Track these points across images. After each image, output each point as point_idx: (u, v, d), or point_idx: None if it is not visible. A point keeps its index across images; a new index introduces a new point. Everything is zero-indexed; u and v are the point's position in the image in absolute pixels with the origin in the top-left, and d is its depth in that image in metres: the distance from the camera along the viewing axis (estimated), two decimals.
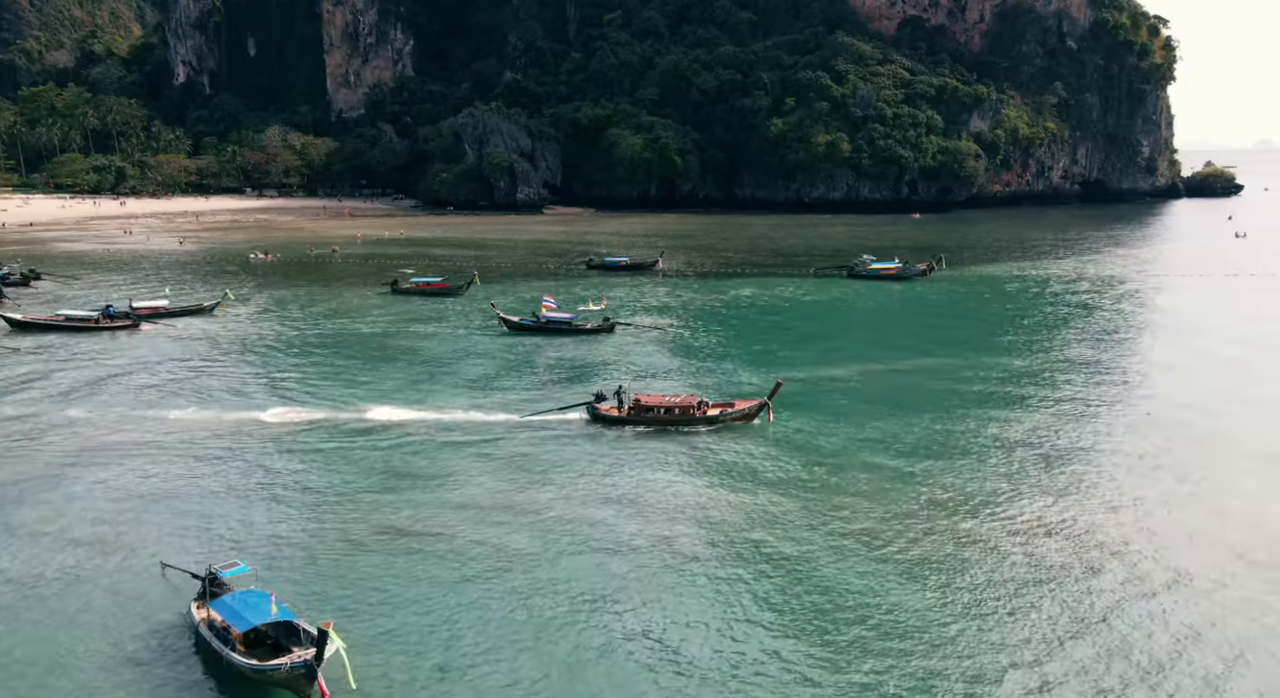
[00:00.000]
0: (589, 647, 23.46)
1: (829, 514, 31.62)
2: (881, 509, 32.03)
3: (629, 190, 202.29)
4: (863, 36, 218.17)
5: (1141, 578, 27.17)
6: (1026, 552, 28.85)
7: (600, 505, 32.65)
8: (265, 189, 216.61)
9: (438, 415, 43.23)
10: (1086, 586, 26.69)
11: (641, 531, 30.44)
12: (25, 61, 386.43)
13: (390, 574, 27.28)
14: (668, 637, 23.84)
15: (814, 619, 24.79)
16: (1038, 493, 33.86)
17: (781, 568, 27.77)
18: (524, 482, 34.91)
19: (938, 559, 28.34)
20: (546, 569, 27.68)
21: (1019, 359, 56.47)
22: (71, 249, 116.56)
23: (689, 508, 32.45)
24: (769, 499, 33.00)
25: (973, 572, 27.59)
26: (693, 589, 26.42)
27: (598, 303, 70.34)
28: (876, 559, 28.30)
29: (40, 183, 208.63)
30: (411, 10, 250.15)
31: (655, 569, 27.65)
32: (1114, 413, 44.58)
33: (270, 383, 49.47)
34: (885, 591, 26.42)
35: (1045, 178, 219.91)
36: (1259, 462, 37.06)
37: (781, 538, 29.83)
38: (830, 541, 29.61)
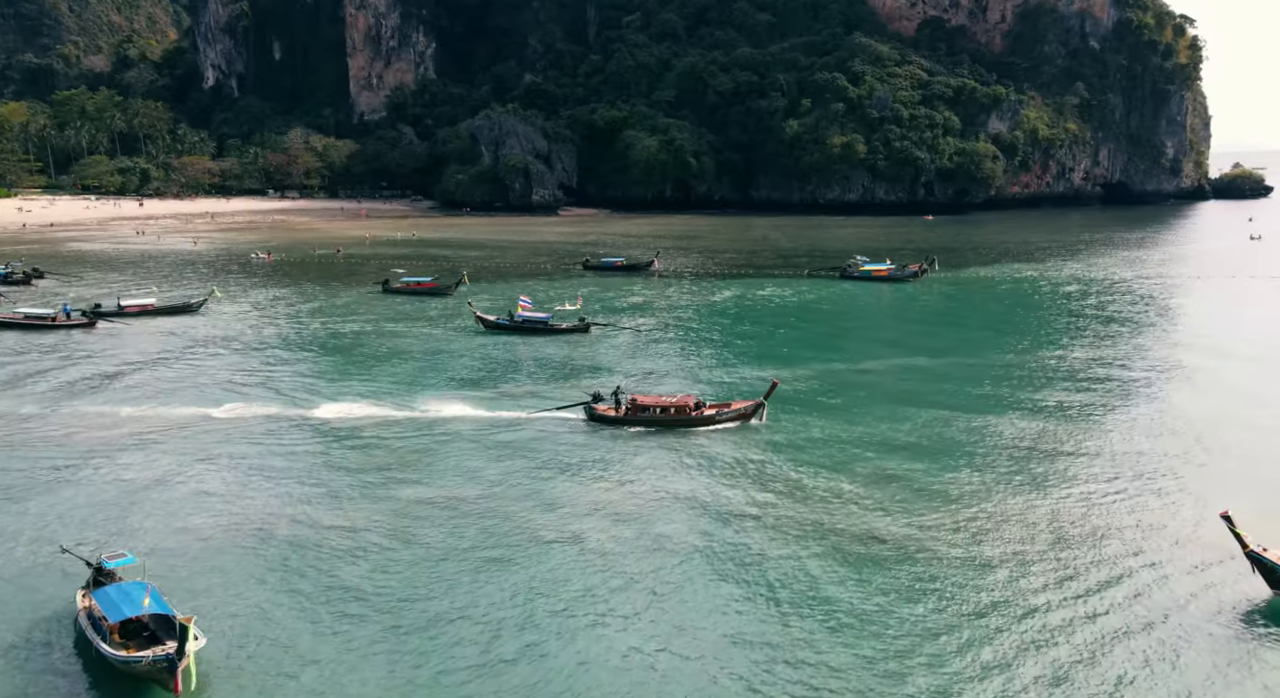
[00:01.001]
0: (505, 654, 23.29)
1: (822, 515, 31.24)
2: (876, 510, 31.84)
3: (644, 192, 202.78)
4: (881, 37, 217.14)
5: (1118, 564, 27.44)
6: (1010, 551, 28.79)
7: (575, 504, 32.34)
8: (287, 191, 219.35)
9: (392, 412, 43.84)
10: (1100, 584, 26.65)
11: (610, 530, 29.98)
12: (63, 66, 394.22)
13: (293, 573, 27.71)
14: (621, 639, 23.73)
15: (804, 623, 24.56)
16: (1021, 491, 33.72)
17: (772, 570, 27.33)
18: (495, 480, 35.06)
19: (930, 559, 28.12)
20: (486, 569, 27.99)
21: (995, 360, 56.21)
22: (83, 249, 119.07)
23: (672, 508, 32.05)
24: (763, 500, 32.64)
25: (967, 571, 27.37)
26: (668, 592, 26.08)
27: (573, 303, 70.72)
28: (871, 560, 28.06)
29: (68, 184, 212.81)
30: (434, 13, 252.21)
31: (616, 570, 27.21)
32: (1091, 414, 44.26)
33: (228, 379, 50.36)
34: (881, 594, 26.17)
35: (1066, 179, 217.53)
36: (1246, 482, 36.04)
37: (773, 540, 29.33)
38: (823, 542, 29.24)
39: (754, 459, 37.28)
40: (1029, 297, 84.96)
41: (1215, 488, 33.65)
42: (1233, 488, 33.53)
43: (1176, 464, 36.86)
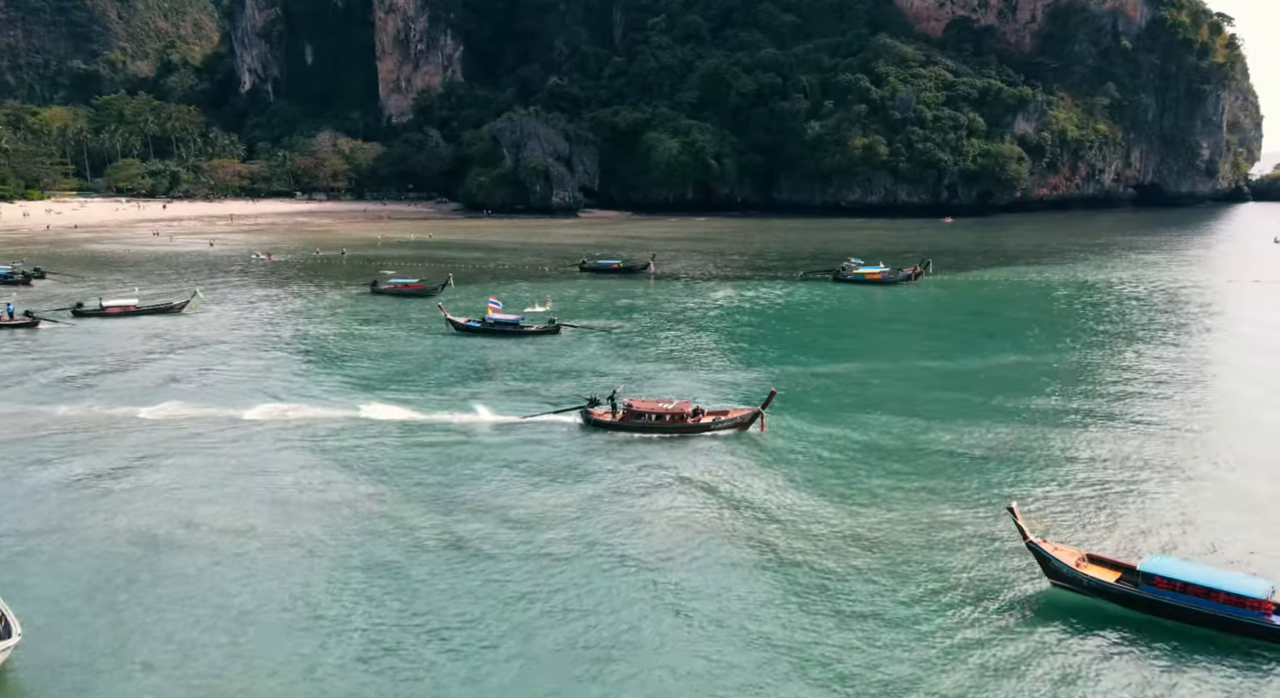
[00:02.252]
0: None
1: (817, 529, 30.41)
2: (877, 525, 30.94)
3: (665, 194, 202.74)
4: (908, 38, 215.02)
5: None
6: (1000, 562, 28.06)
7: (557, 512, 31.92)
8: (314, 193, 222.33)
9: (327, 412, 44.02)
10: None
11: (592, 541, 29.50)
12: (109, 71, 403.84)
13: (159, 577, 28.01)
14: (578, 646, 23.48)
15: (793, 634, 23.95)
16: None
17: (765, 584, 26.74)
18: (482, 487, 34.92)
19: (928, 570, 27.40)
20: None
21: (974, 364, 55.17)
22: (96, 250, 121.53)
23: (663, 519, 31.37)
24: (755, 513, 31.77)
25: (960, 579, 26.68)
26: (641, 600, 25.58)
27: (543, 304, 70.70)
28: (872, 571, 27.44)
29: (102, 187, 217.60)
30: (461, 17, 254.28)
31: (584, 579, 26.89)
32: (1073, 420, 43.32)
33: (170, 379, 50.85)
34: (876, 602, 25.58)
35: (1096, 181, 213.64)
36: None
37: (765, 554, 28.58)
38: (819, 555, 28.53)
39: (747, 472, 35.96)
40: (1022, 300, 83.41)
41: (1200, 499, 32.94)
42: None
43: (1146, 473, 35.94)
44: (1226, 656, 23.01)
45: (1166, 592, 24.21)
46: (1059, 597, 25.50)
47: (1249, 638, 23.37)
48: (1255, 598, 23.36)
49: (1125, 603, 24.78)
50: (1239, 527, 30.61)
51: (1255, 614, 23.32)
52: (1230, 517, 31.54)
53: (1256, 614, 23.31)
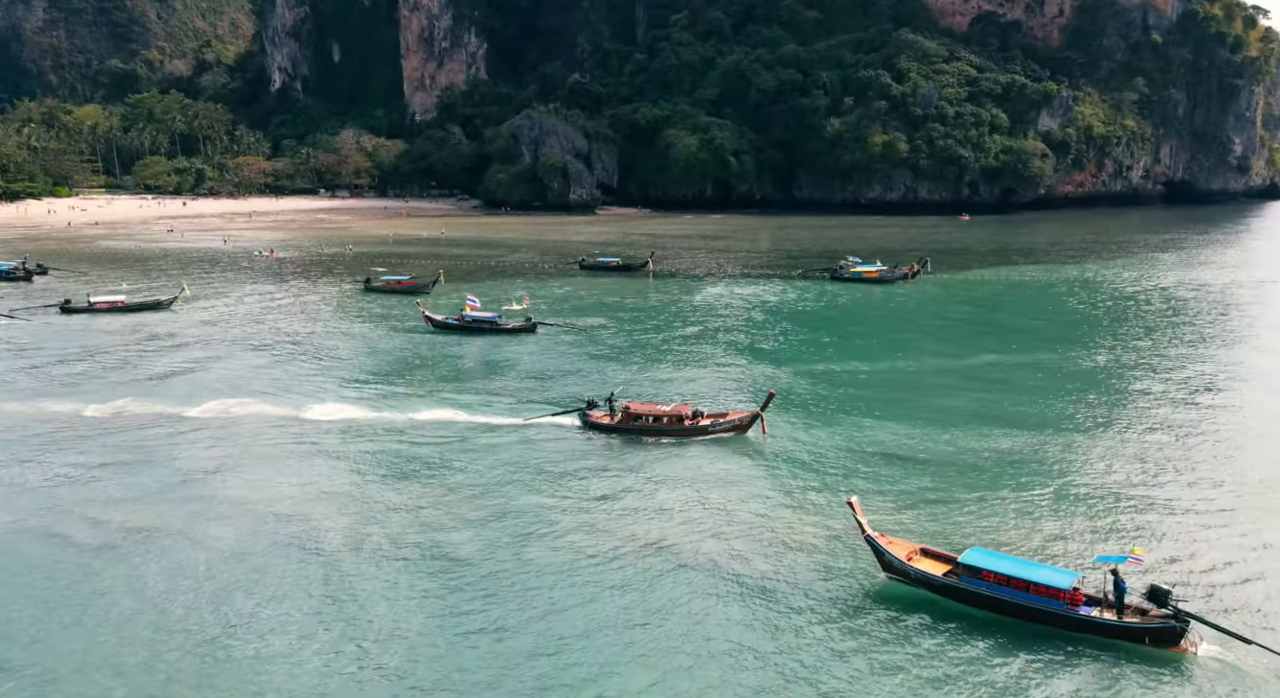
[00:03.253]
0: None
1: (812, 538, 29.73)
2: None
3: (684, 191, 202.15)
4: (932, 33, 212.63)
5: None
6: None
7: (554, 519, 31.31)
8: (337, 190, 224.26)
9: (271, 409, 44.20)
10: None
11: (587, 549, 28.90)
12: (146, 71, 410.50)
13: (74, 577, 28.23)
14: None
15: (779, 643, 23.53)
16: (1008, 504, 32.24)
17: (757, 593, 26.23)
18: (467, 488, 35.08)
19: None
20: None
21: (953, 364, 54.34)
22: (110, 247, 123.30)
23: (659, 526, 30.79)
24: (748, 520, 31.03)
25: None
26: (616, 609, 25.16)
27: (520, 302, 70.56)
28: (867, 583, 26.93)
29: (130, 184, 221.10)
30: (485, 14, 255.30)
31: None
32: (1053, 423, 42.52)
33: (128, 377, 51.36)
34: (870, 610, 25.42)
35: (1124, 178, 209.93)
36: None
37: (753, 566, 27.88)
38: (812, 565, 27.98)
39: (742, 477, 35.24)
40: (1015, 299, 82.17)
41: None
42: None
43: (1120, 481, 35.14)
44: (1036, 646, 23.37)
45: (983, 584, 24.77)
46: (893, 589, 26.09)
47: (1058, 628, 23.83)
48: (1062, 589, 23.81)
49: (949, 595, 25.31)
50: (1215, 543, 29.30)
51: (1062, 605, 23.80)
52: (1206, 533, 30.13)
53: (1063, 605, 23.79)
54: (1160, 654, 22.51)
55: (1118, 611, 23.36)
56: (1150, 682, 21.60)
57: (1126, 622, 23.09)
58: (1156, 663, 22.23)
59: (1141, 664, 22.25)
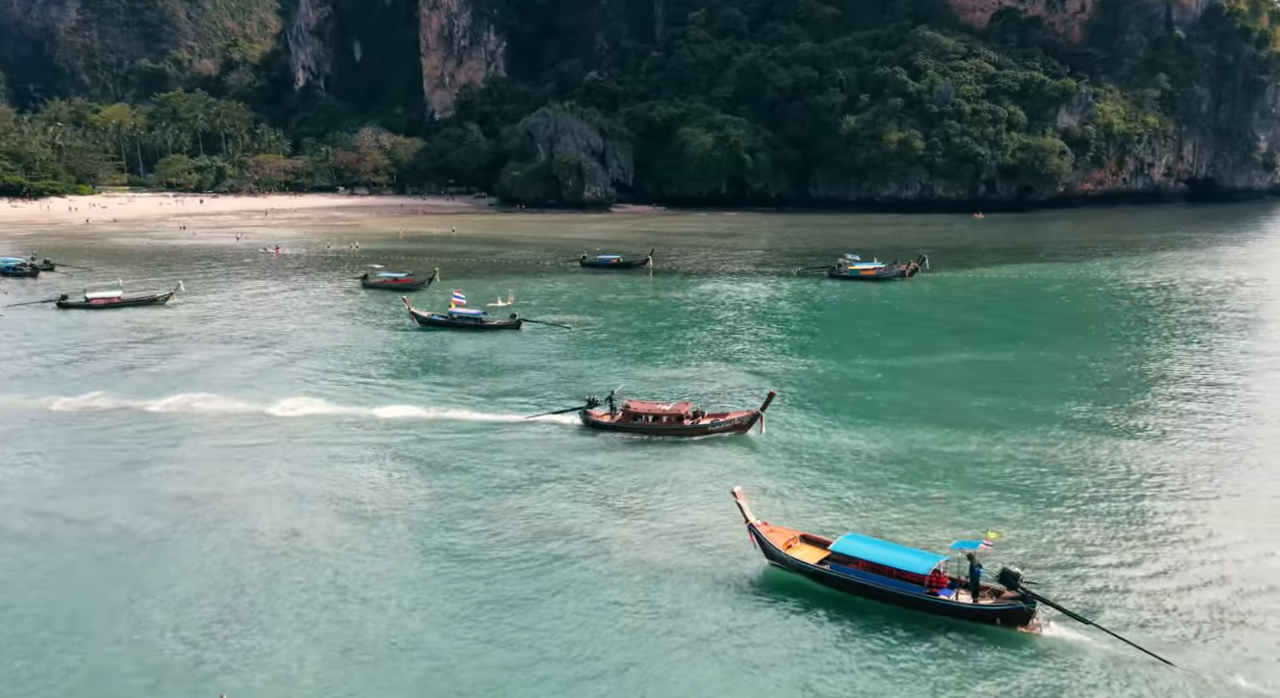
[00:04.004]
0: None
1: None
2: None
3: (699, 189, 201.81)
4: (951, 29, 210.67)
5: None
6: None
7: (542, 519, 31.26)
8: (356, 188, 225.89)
9: (241, 405, 44.77)
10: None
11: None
12: (175, 70, 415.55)
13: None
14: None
15: (762, 652, 23.31)
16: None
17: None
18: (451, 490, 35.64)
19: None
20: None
21: (931, 362, 54.10)
22: (122, 244, 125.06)
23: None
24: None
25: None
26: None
27: (505, 300, 70.88)
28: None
29: (153, 182, 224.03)
30: (504, 13, 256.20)
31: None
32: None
33: (104, 370, 52.19)
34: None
35: (1145, 176, 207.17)
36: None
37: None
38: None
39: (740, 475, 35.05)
40: (1007, 298, 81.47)
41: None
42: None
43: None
44: (897, 628, 24.13)
45: (850, 569, 25.59)
46: (774, 575, 26.90)
47: (920, 612, 24.59)
48: (922, 574, 24.48)
49: (822, 581, 26.07)
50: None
51: (919, 589, 24.52)
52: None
53: (920, 589, 24.50)
54: (1010, 634, 23.42)
55: (973, 593, 24.12)
56: (1000, 660, 22.53)
57: (979, 605, 23.91)
58: (1006, 642, 23.21)
59: (993, 643, 23.19)
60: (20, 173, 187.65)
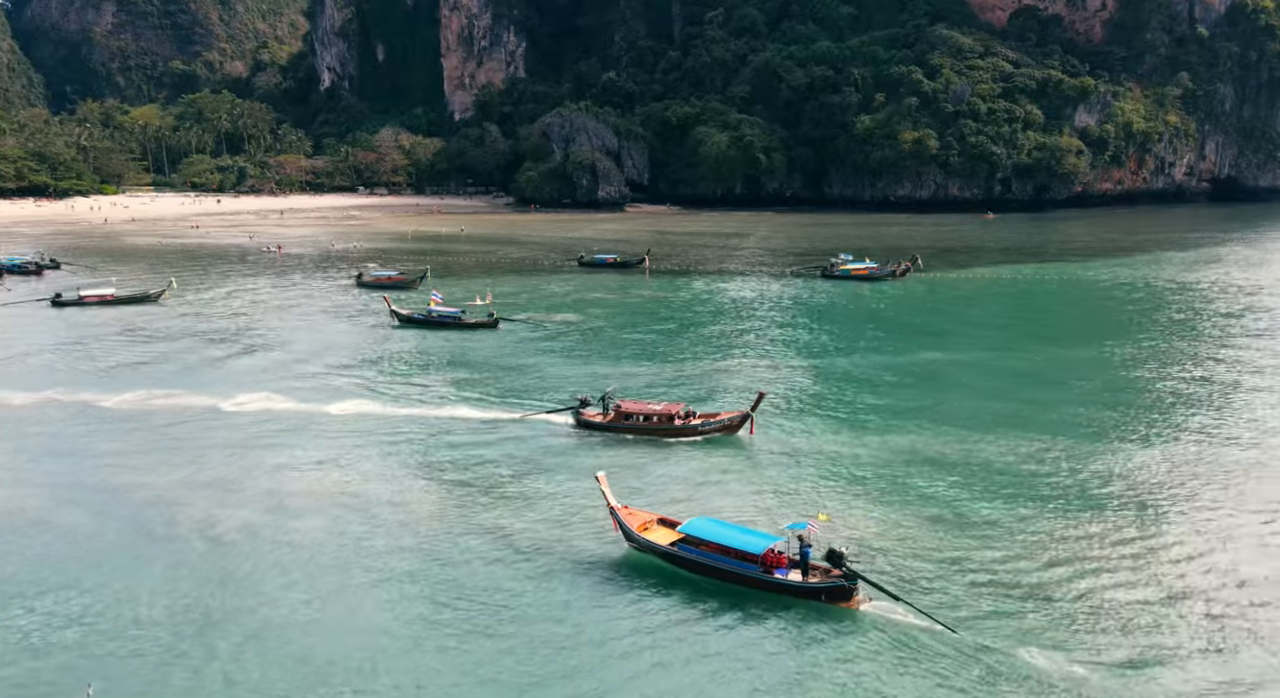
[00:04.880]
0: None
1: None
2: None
3: (713, 188, 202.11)
4: (970, 28, 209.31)
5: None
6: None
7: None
8: (375, 187, 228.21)
9: (196, 400, 45.76)
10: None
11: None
12: (206, 71, 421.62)
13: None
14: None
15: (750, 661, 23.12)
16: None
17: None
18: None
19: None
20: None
21: (914, 360, 54.16)
22: (133, 243, 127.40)
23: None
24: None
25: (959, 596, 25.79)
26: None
27: (483, 298, 71.58)
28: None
29: (178, 182, 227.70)
30: (524, 13, 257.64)
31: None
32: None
33: (65, 365, 53.57)
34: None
35: (1166, 175, 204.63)
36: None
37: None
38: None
39: (727, 476, 35.31)
40: (997, 297, 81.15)
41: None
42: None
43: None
44: (736, 605, 25.14)
45: (694, 550, 26.54)
46: (632, 557, 27.94)
47: (757, 590, 25.58)
48: (755, 553, 25.42)
49: (672, 561, 27.03)
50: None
51: (755, 568, 25.47)
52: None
53: (756, 568, 25.46)
54: (834, 610, 24.73)
55: (803, 572, 25.33)
56: (823, 632, 23.87)
57: (806, 582, 25.14)
58: (831, 616, 24.55)
59: (820, 618, 24.50)
60: (45, 173, 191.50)
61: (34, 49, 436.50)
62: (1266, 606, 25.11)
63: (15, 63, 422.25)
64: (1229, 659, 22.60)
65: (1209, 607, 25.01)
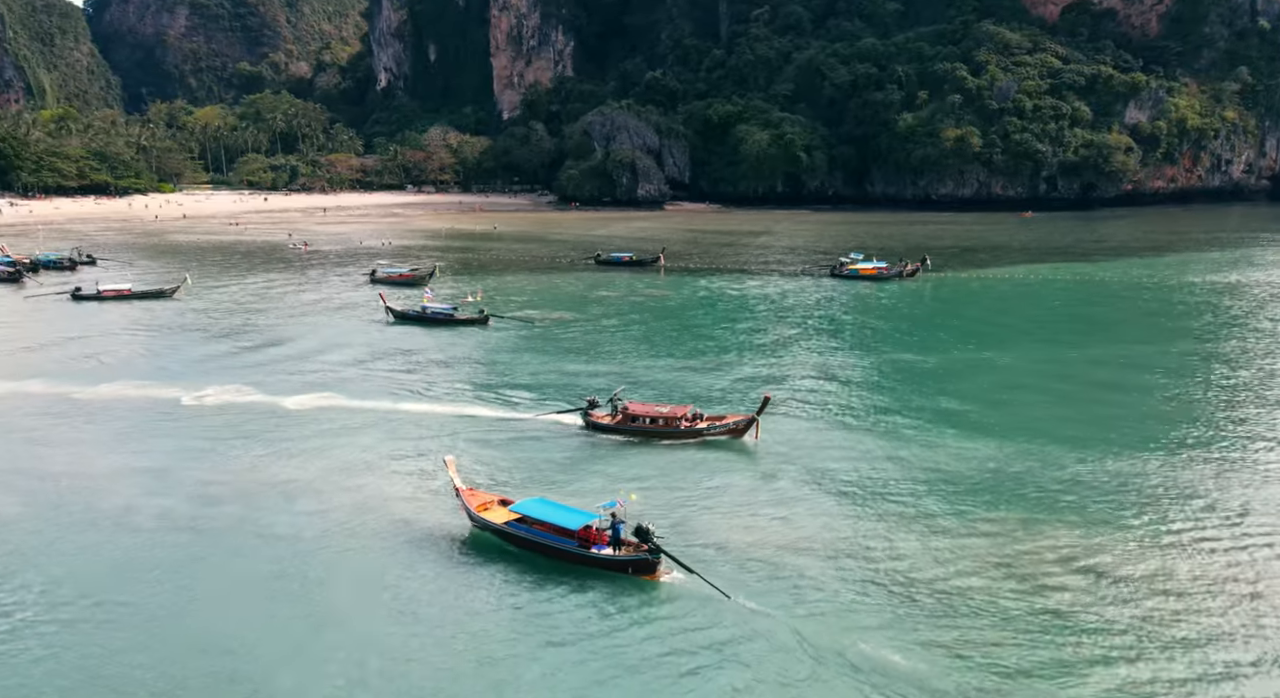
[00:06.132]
0: None
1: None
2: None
3: (754, 187, 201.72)
4: (1020, 23, 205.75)
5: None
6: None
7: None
8: (424, 185, 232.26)
9: (165, 392, 47.71)
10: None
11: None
12: (271, 72, 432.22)
13: None
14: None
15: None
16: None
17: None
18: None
19: (915, 599, 26.13)
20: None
21: (905, 361, 54.21)
22: (170, 240, 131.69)
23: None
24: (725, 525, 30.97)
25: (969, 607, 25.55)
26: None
27: (474, 295, 72.91)
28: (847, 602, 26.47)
29: (235, 181, 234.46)
30: (573, 13, 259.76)
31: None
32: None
33: (57, 357, 55.96)
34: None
35: (1223, 173, 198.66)
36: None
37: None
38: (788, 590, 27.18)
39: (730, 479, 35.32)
40: (999, 298, 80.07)
41: None
42: None
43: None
44: (557, 578, 26.81)
45: (523, 527, 28.18)
46: (475, 535, 29.74)
47: (576, 564, 27.24)
48: (572, 529, 27.02)
49: (507, 539, 28.74)
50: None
51: (574, 543, 27.10)
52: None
53: (574, 543, 27.08)
54: (640, 582, 26.44)
55: (614, 547, 26.90)
56: (629, 602, 25.63)
57: (615, 556, 26.73)
58: (636, 587, 26.33)
59: (627, 589, 26.23)
60: (106, 172, 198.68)
61: (112, 52, 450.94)
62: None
63: (95, 66, 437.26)
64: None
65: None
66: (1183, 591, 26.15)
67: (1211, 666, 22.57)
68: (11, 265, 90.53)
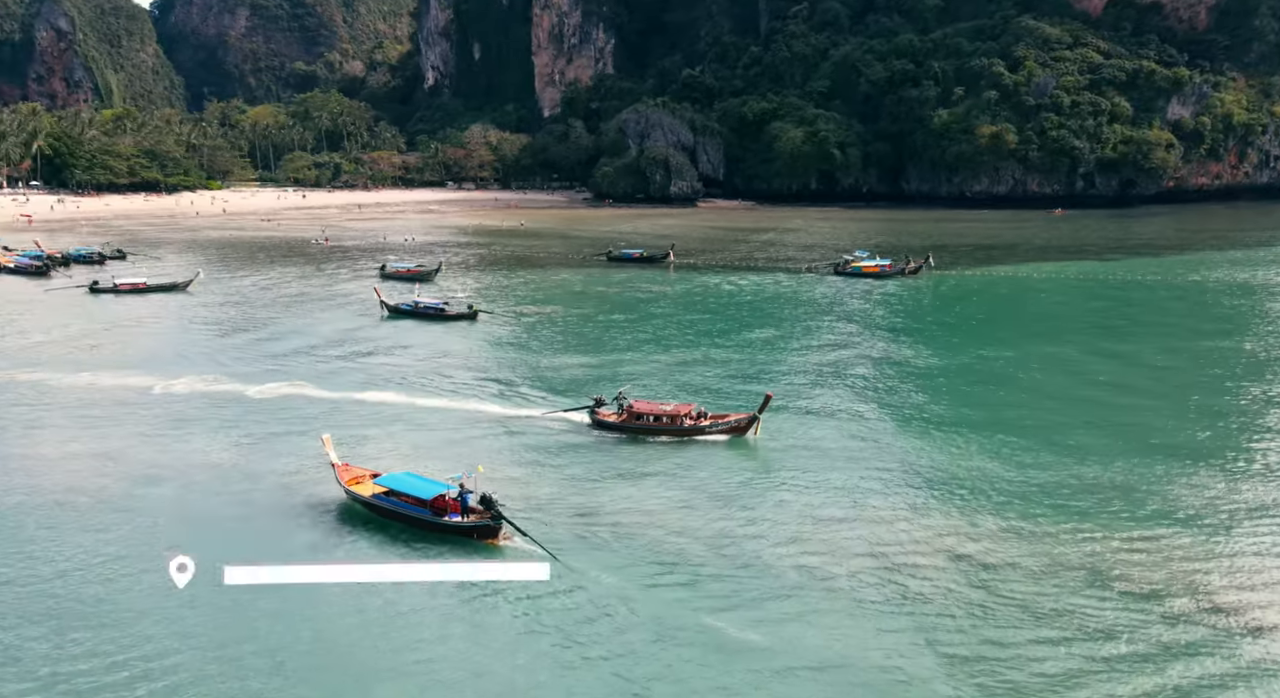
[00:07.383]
0: None
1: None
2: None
3: (788, 184, 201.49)
4: (1063, 18, 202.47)
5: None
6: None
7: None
8: (464, 182, 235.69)
9: (135, 381, 50.11)
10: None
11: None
12: (326, 71, 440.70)
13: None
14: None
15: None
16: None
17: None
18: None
19: (916, 597, 26.21)
20: None
21: (904, 363, 54.73)
22: (205, 236, 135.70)
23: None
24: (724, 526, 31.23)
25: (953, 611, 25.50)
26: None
27: (464, 291, 74.72)
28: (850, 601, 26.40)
29: (281, 178, 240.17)
30: (613, 11, 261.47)
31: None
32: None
33: (54, 349, 58.86)
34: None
35: (1271, 169, 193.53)
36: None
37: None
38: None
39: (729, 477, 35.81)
40: (995, 297, 79.86)
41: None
42: None
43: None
44: (416, 544, 28.82)
45: (386, 499, 30.15)
46: (347, 507, 31.75)
47: (433, 532, 29.15)
48: (424, 499, 29.02)
49: (373, 511, 30.66)
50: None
51: (427, 512, 29.07)
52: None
53: (427, 512, 29.04)
54: (483, 545, 28.59)
55: (462, 514, 28.85)
56: (470, 561, 27.56)
57: (461, 522, 28.78)
58: (479, 551, 28.43)
59: (469, 551, 28.33)
60: (155, 169, 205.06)
61: (176, 53, 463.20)
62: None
63: (159, 66, 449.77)
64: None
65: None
66: (1183, 591, 26.08)
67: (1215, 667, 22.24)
68: (40, 259, 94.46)
